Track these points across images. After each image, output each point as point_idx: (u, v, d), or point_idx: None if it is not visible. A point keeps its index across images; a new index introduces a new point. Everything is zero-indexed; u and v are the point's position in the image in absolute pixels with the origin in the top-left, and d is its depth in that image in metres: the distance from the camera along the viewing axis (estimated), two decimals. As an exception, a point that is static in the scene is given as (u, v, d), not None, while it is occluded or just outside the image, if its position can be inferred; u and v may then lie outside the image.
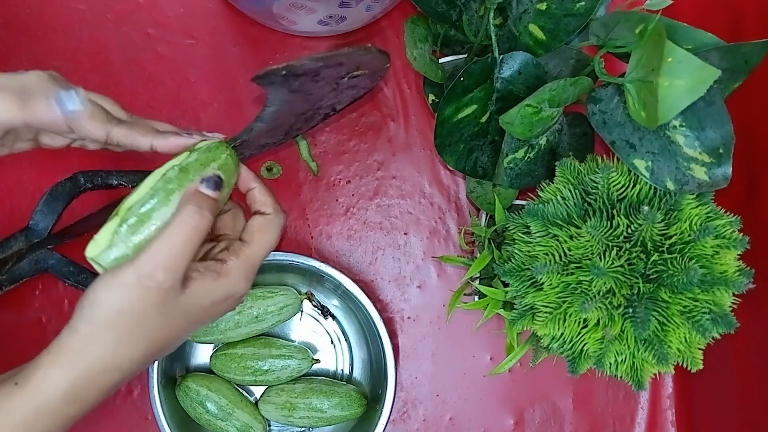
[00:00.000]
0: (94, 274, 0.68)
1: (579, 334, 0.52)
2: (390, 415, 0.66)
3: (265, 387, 0.71)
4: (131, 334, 0.43)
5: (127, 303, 0.42)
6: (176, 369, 0.70)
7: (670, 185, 0.51)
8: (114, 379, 0.43)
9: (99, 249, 0.45)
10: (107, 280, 0.42)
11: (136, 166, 0.71)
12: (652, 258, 0.50)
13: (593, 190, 0.52)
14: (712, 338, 0.50)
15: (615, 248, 0.50)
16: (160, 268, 0.42)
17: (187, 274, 0.44)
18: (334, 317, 0.73)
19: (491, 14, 0.59)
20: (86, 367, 0.42)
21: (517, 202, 0.67)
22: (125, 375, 0.44)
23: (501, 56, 0.59)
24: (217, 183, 0.46)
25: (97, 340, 0.42)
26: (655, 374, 0.53)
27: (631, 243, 0.50)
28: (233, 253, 0.46)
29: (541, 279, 0.51)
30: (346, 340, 0.73)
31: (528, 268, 0.53)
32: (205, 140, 0.49)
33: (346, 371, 0.73)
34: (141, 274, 0.42)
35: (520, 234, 0.55)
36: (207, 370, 0.71)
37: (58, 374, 0.42)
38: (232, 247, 0.47)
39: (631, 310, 0.50)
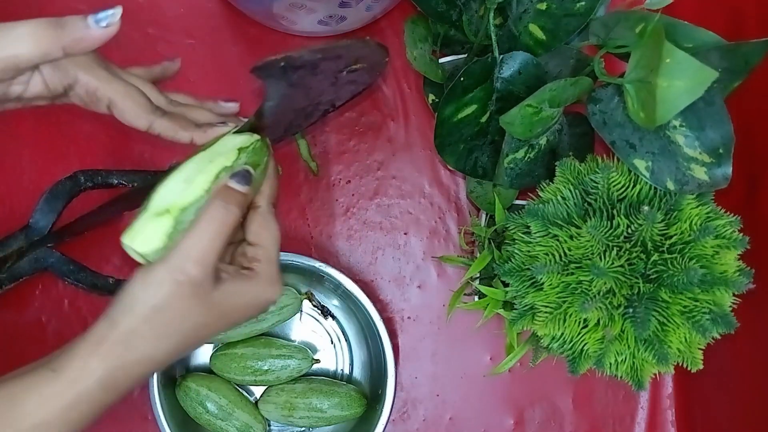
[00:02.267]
0: (94, 273, 0.68)
1: (579, 334, 0.52)
2: (390, 415, 0.66)
3: (265, 387, 0.71)
4: (169, 327, 0.44)
5: (163, 299, 0.43)
6: (176, 369, 0.70)
7: (670, 185, 0.51)
8: (149, 369, 0.45)
9: (151, 247, 0.45)
10: (143, 277, 0.44)
11: (136, 166, 0.71)
12: (652, 258, 0.50)
13: (593, 190, 0.52)
14: (712, 338, 0.50)
15: (615, 248, 0.50)
16: (190, 262, 0.43)
17: (219, 274, 0.45)
18: (334, 317, 0.73)
19: (491, 14, 0.59)
20: (126, 359, 0.43)
21: (517, 202, 0.67)
22: (159, 366, 0.45)
23: (501, 56, 0.59)
24: (246, 178, 0.46)
25: (138, 334, 0.43)
26: (655, 374, 0.53)
27: (631, 243, 0.50)
28: (254, 259, 0.47)
29: (541, 279, 0.51)
30: (346, 340, 0.73)
31: (528, 268, 0.53)
32: (237, 125, 0.50)
33: (346, 371, 0.73)
34: (172, 269, 0.43)
35: (520, 234, 0.55)
36: (207, 370, 0.71)
37: (98, 364, 0.42)
38: (248, 252, 0.48)
39: (631, 310, 0.50)
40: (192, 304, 0.44)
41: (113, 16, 0.47)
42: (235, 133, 0.50)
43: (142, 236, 0.45)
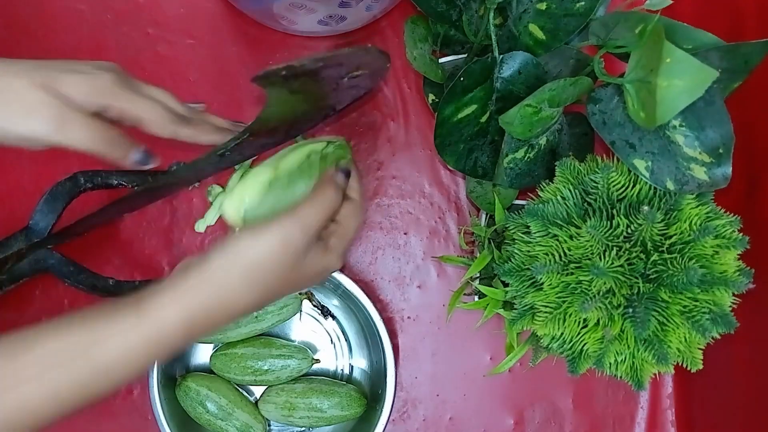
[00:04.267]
0: (94, 274, 0.68)
1: (579, 334, 0.52)
2: (390, 415, 0.66)
3: (265, 387, 0.71)
4: (260, 282, 0.47)
5: (268, 257, 0.47)
6: (176, 369, 0.70)
7: (670, 185, 0.51)
8: (226, 316, 0.47)
9: (249, 201, 0.51)
10: (253, 231, 0.47)
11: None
12: (652, 258, 0.50)
13: (593, 190, 0.52)
14: (712, 338, 0.50)
15: (615, 248, 0.50)
16: (301, 230, 0.47)
17: (310, 244, 0.49)
18: (334, 317, 0.73)
19: (491, 14, 0.59)
20: (209, 301, 0.45)
21: (517, 202, 0.67)
22: (236, 316, 0.48)
23: (501, 56, 0.59)
24: (347, 174, 0.53)
25: (232, 281, 0.46)
26: (655, 374, 0.53)
27: (631, 243, 0.50)
28: (333, 233, 0.52)
29: (541, 279, 0.51)
30: (346, 340, 0.73)
31: (528, 268, 0.53)
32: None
33: (346, 371, 0.73)
34: (285, 231, 0.47)
35: (519, 234, 0.55)
36: (207, 370, 0.71)
37: (183, 305, 0.45)
38: (330, 227, 0.52)
39: (631, 310, 0.50)
40: (287, 266, 0.47)
41: (152, 162, 0.53)
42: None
43: (241, 197, 0.50)
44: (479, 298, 0.65)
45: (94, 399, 0.43)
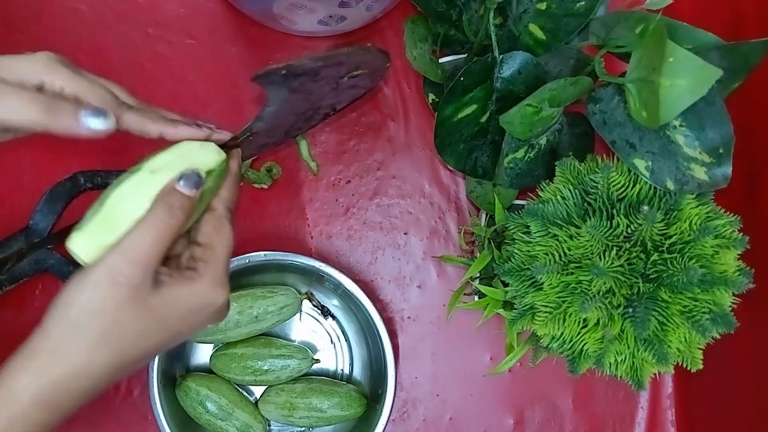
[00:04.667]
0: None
1: (579, 333, 0.52)
2: (390, 415, 0.66)
3: (265, 387, 0.71)
4: (104, 336, 0.41)
5: (99, 302, 0.41)
6: (176, 369, 0.70)
7: (670, 185, 0.51)
8: (86, 385, 0.42)
9: (94, 256, 0.43)
10: (79, 280, 0.41)
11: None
12: (652, 258, 0.50)
13: (593, 190, 0.52)
14: (712, 338, 0.50)
15: (615, 248, 0.50)
16: (129, 263, 0.41)
17: (158, 278, 0.43)
18: (334, 317, 0.73)
19: (491, 14, 0.59)
20: (58, 373, 0.40)
21: (517, 201, 0.67)
22: (98, 383, 0.42)
23: (501, 56, 0.59)
24: (195, 182, 0.45)
25: (69, 343, 0.41)
26: (654, 374, 0.53)
27: (631, 243, 0.50)
28: (199, 259, 0.45)
29: (540, 279, 0.51)
30: (346, 340, 0.73)
31: (528, 268, 0.53)
32: (213, 134, 0.49)
33: (346, 371, 0.73)
34: (110, 269, 0.41)
35: (519, 234, 0.55)
36: (207, 370, 0.71)
37: (29, 380, 0.40)
38: (195, 253, 0.46)
39: (630, 309, 0.50)
40: (129, 308, 0.41)
41: (106, 123, 0.45)
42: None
43: (88, 244, 0.43)
44: (479, 298, 0.65)
45: None
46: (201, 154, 0.47)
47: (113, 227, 0.44)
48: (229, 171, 0.49)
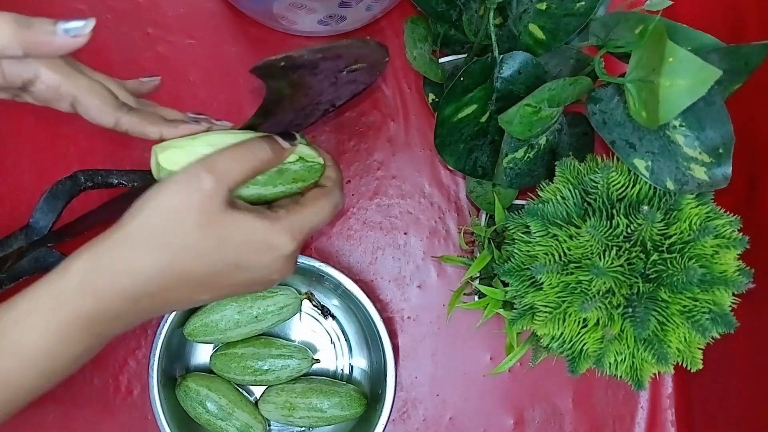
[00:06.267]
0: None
1: (579, 333, 0.52)
2: (390, 415, 0.66)
3: (265, 387, 0.71)
4: (161, 237, 0.41)
5: (167, 202, 0.41)
6: (176, 369, 0.70)
7: (670, 185, 0.51)
8: (132, 285, 0.41)
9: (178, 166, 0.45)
10: (160, 183, 0.42)
11: (136, 165, 0.71)
12: (652, 258, 0.50)
13: (593, 190, 0.52)
14: (712, 338, 0.50)
15: (615, 248, 0.50)
16: (208, 172, 0.41)
17: (234, 203, 0.43)
18: (334, 317, 0.73)
19: (491, 14, 0.59)
20: (109, 262, 0.40)
21: (517, 201, 0.67)
22: (143, 287, 0.41)
23: (501, 56, 0.59)
24: (291, 136, 0.48)
25: (132, 238, 0.41)
26: (654, 374, 0.53)
27: (631, 243, 0.50)
28: (284, 206, 0.46)
29: (540, 279, 0.51)
30: (346, 340, 0.73)
31: (528, 268, 0.53)
32: (213, 126, 0.50)
33: (346, 371, 0.73)
34: (191, 174, 0.41)
35: (519, 234, 0.55)
36: (207, 370, 0.71)
37: (84, 261, 0.41)
38: (283, 203, 0.47)
39: (630, 309, 0.50)
40: (194, 216, 0.41)
41: (84, 27, 0.44)
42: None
43: (173, 151, 0.45)
44: (479, 298, 0.65)
45: (26, 394, 0.40)
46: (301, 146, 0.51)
47: (195, 149, 0.45)
48: (327, 158, 0.52)
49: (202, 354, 0.72)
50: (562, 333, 0.52)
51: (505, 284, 0.57)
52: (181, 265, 0.41)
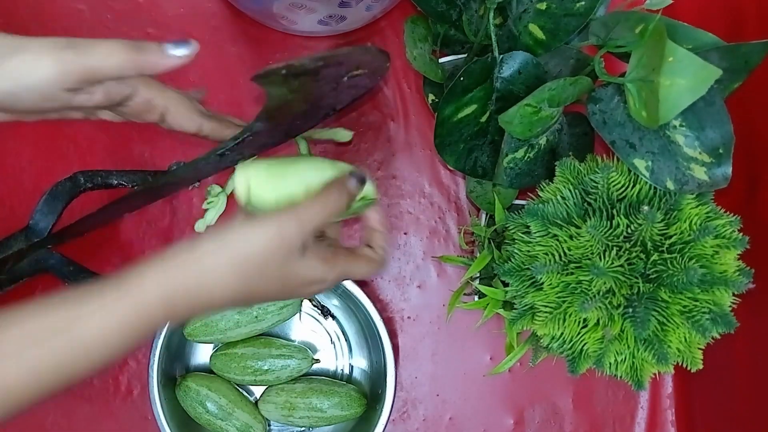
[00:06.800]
0: (95, 274, 0.68)
1: (579, 333, 0.52)
2: (390, 415, 0.66)
3: (265, 387, 0.71)
4: (246, 276, 0.45)
5: (260, 249, 0.44)
6: (176, 369, 0.70)
7: (670, 185, 0.51)
8: (203, 304, 0.45)
9: (263, 195, 0.48)
10: (252, 221, 0.45)
11: (136, 166, 0.71)
12: (652, 258, 0.50)
13: (593, 190, 0.52)
14: (712, 338, 0.50)
15: (615, 248, 0.50)
16: (299, 228, 0.45)
17: (307, 245, 0.47)
18: (334, 317, 0.73)
19: (491, 14, 0.59)
20: (190, 289, 0.43)
21: (517, 201, 0.67)
22: (212, 306, 0.45)
23: (501, 56, 0.59)
24: (361, 180, 0.50)
25: (215, 271, 0.44)
26: (654, 374, 0.53)
27: (631, 243, 0.50)
28: (340, 251, 0.50)
29: (540, 279, 0.51)
30: (346, 340, 0.73)
31: (528, 268, 0.52)
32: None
33: (346, 371, 0.73)
34: (284, 226, 0.45)
35: (519, 234, 0.55)
36: (207, 370, 0.71)
37: (161, 274, 0.43)
38: (339, 248, 0.51)
39: (630, 309, 0.50)
40: (279, 261, 0.45)
41: (190, 48, 0.50)
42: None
43: (265, 183, 0.48)
44: (479, 298, 0.65)
45: (73, 380, 0.42)
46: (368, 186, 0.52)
47: (285, 184, 0.49)
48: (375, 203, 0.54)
49: (202, 354, 0.72)
50: (562, 333, 0.52)
51: (505, 284, 0.57)
52: (251, 293, 0.46)
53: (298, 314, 0.72)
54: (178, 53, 0.49)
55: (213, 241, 0.45)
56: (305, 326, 0.73)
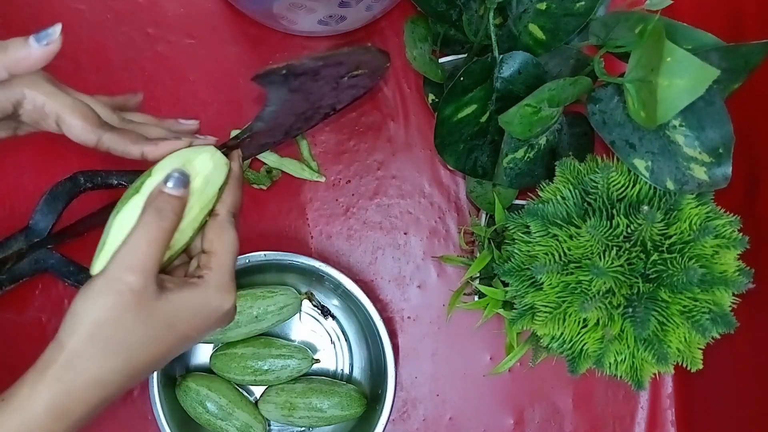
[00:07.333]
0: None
1: (579, 333, 0.52)
2: (390, 415, 0.66)
3: (265, 387, 0.71)
4: (112, 344, 0.42)
5: (103, 311, 0.42)
6: (176, 369, 0.70)
7: (670, 185, 0.51)
8: (99, 394, 0.43)
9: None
10: (84, 293, 0.43)
11: (136, 166, 0.71)
12: (652, 258, 0.50)
13: (593, 190, 0.52)
14: (712, 338, 0.50)
15: (615, 248, 0.50)
16: (127, 270, 0.42)
17: (163, 284, 0.44)
18: (334, 317, 0.73)
19: (491, 14, 0.59)
20: (71, 381, 0.41)
21: (517, 201, 0.67)
22: (111, 390, 0.43)
23: (501, 56, 0.59)
24: (180, 181, 0.45)
25: (83, 354, 0.42)
26: (654, 374, 0.53)
27: (631, 243, 0.50)
28: (205, 266, 0.46)
29: (540, 279, 0.51)
30: (346, 340, 0.73)
31: (528, 268, 0.53)
32: (195, 141, 0.49)
33: (346, 371, 0.73)
34: (109, 278, 0.42)
35: (519, 234, 0.55)
36: (207, 370, 0.71)
37: (44, 390, 0.41)
38: (201, 261, 0.47)
39: (630, 309, 0.50)
40: (135, 315, 0.42)
41: (53, 34, 0.45)
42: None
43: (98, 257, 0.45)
44: (479, 298, 0.65)
45: None
46: (199, 159, 0.47)
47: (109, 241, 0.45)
48: (231, 174, 0.49)
49: (202, 354, 0.72)
50: (562, 333, 0.52)
51: (505, 284, 0.57)
52: (140, 358, 0.43)
53: (298, 314, 0.72)
54: (44, 41, 0.45)
55: (71, 334, 0.42)
56: (305, 326, 0.73)
